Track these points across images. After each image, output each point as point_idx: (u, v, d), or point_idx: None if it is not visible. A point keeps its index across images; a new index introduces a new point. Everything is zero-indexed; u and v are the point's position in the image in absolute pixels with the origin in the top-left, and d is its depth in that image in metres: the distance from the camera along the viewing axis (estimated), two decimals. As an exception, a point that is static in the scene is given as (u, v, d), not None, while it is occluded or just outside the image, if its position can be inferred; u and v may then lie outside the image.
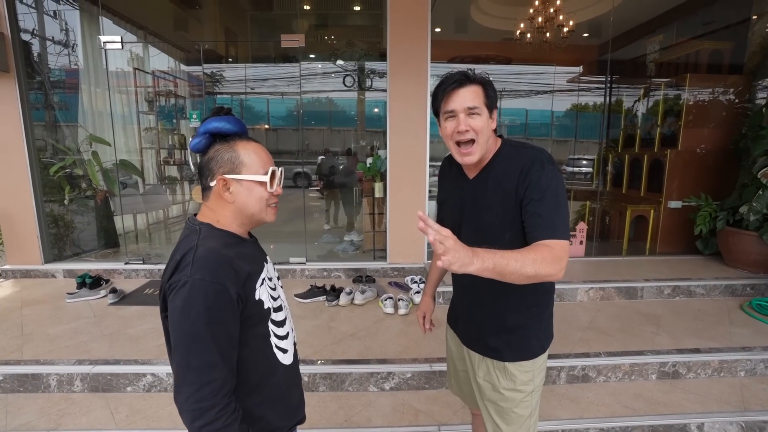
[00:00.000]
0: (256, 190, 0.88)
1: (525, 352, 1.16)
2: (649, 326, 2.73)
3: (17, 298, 3.20)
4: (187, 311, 0.76)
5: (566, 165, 8.27)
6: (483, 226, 1.12)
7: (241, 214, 0.90)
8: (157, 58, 5.28)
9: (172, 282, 0.79)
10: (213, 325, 0.77)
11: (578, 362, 2.31)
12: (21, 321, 2.77)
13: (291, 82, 7.12)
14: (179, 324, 0.77)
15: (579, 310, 3.01)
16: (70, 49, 4.14)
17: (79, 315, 2.88)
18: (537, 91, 7.50)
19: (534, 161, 1.05)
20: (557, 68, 7.18)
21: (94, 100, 4.32)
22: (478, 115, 1.06)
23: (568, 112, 7.54)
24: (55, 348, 2.40)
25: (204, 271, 0.78)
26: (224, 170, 0.87)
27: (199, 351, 0.76)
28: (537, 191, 1.02)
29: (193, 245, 0.82)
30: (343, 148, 6.34)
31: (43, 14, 3.92)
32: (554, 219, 1.00)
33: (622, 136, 5.10)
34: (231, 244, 0.87)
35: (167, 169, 5.37)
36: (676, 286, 3.20)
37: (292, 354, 1.00)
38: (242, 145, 0.88)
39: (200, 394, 0.75)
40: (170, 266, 0.83)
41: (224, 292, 0.79)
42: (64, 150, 3.98)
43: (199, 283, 0.77)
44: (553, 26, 4.99)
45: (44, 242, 3.66)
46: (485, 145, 1.09)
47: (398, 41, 3.34)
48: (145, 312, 2.92)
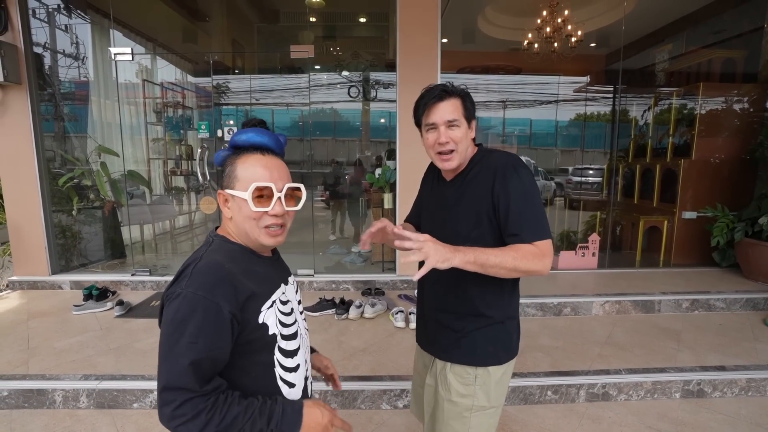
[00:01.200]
0: (243, 208, 0.82)
1: (469, 356, 1.14)
2: (669, 341, 2.64)
3: (24, 310, 3.17)
4: (175, 324, 0.73)
5: (572, 175, 8.23)
6: (455, 224, 1.16)
7: (240, 232, 0.85)
8: (165, 70, 5.33)
9: (169, 293, 0.76)
10: (196, 345, 0.72)
11: (598, 379, 2.22)
12: (27, 334, 2.73)
13: (297, 93, 7.16)
14: (165, 336, 0.73)
15: (595, 324, 2.93)
16: (80, 61, 4.19)
17: (85, 328, 2.84)
18: (541, 101, 7.50)
19: (506, 166, 1.09)
20: (564, 78, 7.18)
21: (103, 111, 4.35)
22: (457, 126, 1.11)
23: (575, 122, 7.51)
24: (62, 362, 2.36)
25: (198, 285, 0.74)
26: (224, 184, 0.85)
27: (174, 357, 0.72)
28: (510, 195, 1.06)
29: (198, 257, 0.80)
30: (348, 158, 6.33)
31: (54, 28, 3.98)
32: (531, 221, 1.05)
33: (632, 145, 5.04)
34: (240, 259, 0.83)
35: (174, 180, 5.39)
36: (694, 300, 3.10)
37: (301, 390, 0.90)
38: (245, 158, 0.83)
39: (180, 410, 0.70)
40: (175, 276, 0.80)
41: (217, 310, 0.74)
42: (73, 161, 3.99)
43: (192, 297, 0.73)
44: (561, 36, 4.99)
45: (52, 253, 3.64)
46: (464, 153, 1.15)
47: (408, 52, 3.33)
48: (151, 325, 2.87)
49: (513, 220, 1.05)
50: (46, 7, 3.78)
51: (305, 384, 0.93)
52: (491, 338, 1.14)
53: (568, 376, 2.25)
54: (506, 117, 7.39)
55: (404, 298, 3.32)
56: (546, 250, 1.03)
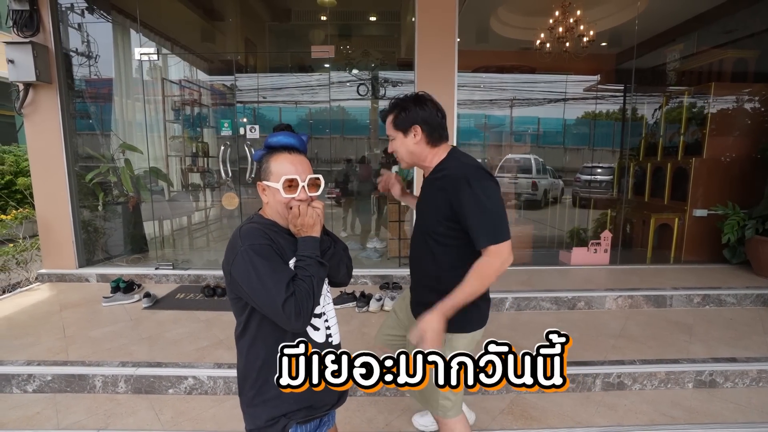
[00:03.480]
0: (277, 195, 1.06)
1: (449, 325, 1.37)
2: (681, 335, 2.72)
3: (55, 301, 3.29)
4: (246, 266, 0.96)
5: (580, 173, 8.26)
6: (424, 220, 1.43)
7: (275, 213, 1.09)
8: (183, 69, 5.44)
9: (231, 259, 0.99)
10: (265, 267, 0.97)
11: (613, 369, 2.31)
12: (62, 323, 2.86)
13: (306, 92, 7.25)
14: (245, 276, 0.96)
15: (608, 318, 3.01)
16: (94, 59, 4.29)
17: (116, 318, 2.96)
18: (550, 100, 7.54)
19: (459, 180, 1.29)
20: (574, 77, 7.22)
21: (125, 109, 4.47)
22: (393, 139, 1.42)
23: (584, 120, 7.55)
24: (98, 350, 2.47)
25: (250, 239, 0.99)
26: (261, 177, 1.08)
27: (267, 282, 0.95)
28: (463, 208, 1.27)
29: (242, 225, 1.06)
30: (357, 156, 6.41)
31: (73, 26, 4.08)
32: (484, 229, 1.27)
33: (643, 144, 5.09)
34: (269, 229, 1.06)
35: (191, 177, 5.50)
36: (705, 295, 3.17)
37: (324, 335, 1.14)
38: (276, 157, 1.07)
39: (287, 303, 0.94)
40: (227, 245, 1.03)
41: (270, 245, 1.01)
42: (99, 157, 4.11)
43: (249, 247, 0.98)
44: (573, 36, 5.04)
45: (79, 247, 3.76)
46: (408, 157, 1.43)
47: (426, 52, 3.41)
48: (179, 317, 2.99)
49: (471, 231, 1.29)
50: (72, 8, 3.88)
51: (328, 330, 1.16)
52: (459, 311, 1.32)
53: (584, 366, 2.33)
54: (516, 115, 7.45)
55: (421, 292, 3.41)
56: (498, 251, 1.26)
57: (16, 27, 3.41)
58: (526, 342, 2.60)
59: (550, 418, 2.06)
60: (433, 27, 3.37)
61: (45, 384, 2.25)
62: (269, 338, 1.04)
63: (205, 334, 2.71)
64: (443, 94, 3.39)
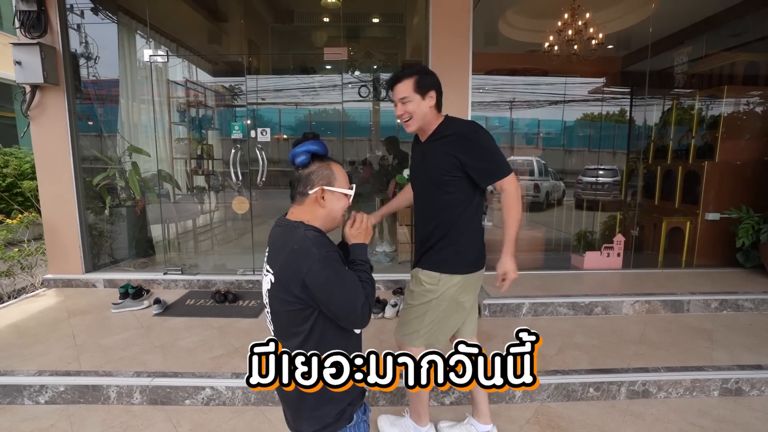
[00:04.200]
0: (342, 200, 1.13)
1: (434, 265, 1.61)
2: (702, 341, 2.69)
3: (63, 307, 3.23)
4: (331, 269, 1.01)
5: (582, 175, 8.27)
6: (430, 172, 1.60)
7: (327, 218, 1.12)
8: (192, 71, 5.38)
9: (306, 268, 1.00)
10: (343, 272, 1.04)
11: (638, 377, 2.27)
12: (72, 331, 2.79)
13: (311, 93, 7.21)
14: (326, 282, 1.00)
15: (626, 323, 2.98)
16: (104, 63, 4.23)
17: (126, 326, 2.90)
18: (556, 102, 7.53)
19: (464, 134, 1.53)
20: (581, 79, 7.21)
21: (132, 111, 4.41)
22: (410, 101, 1.53)
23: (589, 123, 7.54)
24: (111, 359, 2.42)
25: (325, 247, 1.03)
26: (323, 182, 1.09)
27: (347, 286, 1.03)
28: (472, 156, 1.50)
29: (303, 234, 1.04)
30: (358, 158, 6.36)
31: (85, 30, 4.03)
32: (492, 169, 1.53)
33: (652, 147, 5.08)
34: (327, 238, 1.12)
35: (195, 179, 5.44)
36: (723, 300, 3.15)
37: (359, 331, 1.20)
38: (334, 165, 1.13)
39: (364, 304, 1.03)
40: (288, 254, 1.02)
41: (338, 256, 1.06)
42: (106, 160, 4.05)
43: (326, 255, 1.01)
44: (581, 38, 5.03)
45: (85, 252, 3.70)
46: (422, 119, 1.57)
47: (440, 54, 3.37)
48: (191, 324, 2.93)
49: (482, 174, 1.54)
50: (81, 12, 3.82)
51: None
52: (452, 254, 1.58)
53: (608, 374, 2.30)
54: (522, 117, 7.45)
55: (435, 297, 3.37)
56: (510, 181, 1.54)
57: (24, 28, 3.35)
58: (545, 348, 2.57)
59: (577, 428, 2.02)
60: (447, 28, 3.34)
61: (58, 395, 2.19)
62: (332, 345, 1.07)
63: (219, 342, 2.66)
64: (458, 95, 3.36)
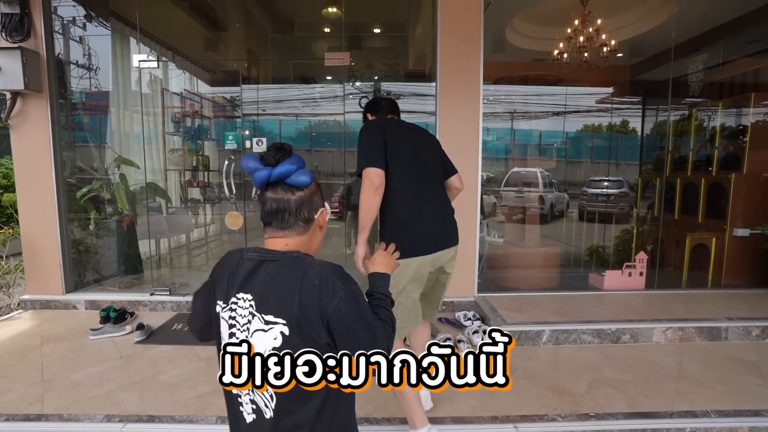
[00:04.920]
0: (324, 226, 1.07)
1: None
2: (750, 376, 2.38)
3: (37, 333, 2.94)
4: (358, 306, 0.93)
5: (587, 186, 8.06)
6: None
7: (320, 243, 1.06)
8: (183, 79, 5.19)
9: (332, 308, 0.90)
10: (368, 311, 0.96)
11: (685, 423, 1.97)
12: (41, 362, 2.50)
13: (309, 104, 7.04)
14: (357, 316, 0.93)
15: (659, 353, 2.67)
16: (94, 72, 4.04)
17: (104, 356, 2.61)
18: (566, 112, 7.33)
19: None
20: (586, 89, 7.04)
21: (122, 121, 4.18)
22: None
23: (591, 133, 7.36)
24: (80, 399, 2.12)
25: (347, 282, 0.94)
26: (322, 203, 1.01)
27: (373, 329, 0.94)
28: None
29: (321, 268, 0.93)
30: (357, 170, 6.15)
31: (72, 36, 3.84)
32: (359, 160, 1.77)
33: (669, 158, 4.83)
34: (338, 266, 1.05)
35: (190, 192, 5.19)
36: (765, 327, 2.85)
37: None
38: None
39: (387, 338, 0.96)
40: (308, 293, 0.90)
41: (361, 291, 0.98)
42: (92, 172, 3.80)
43: (351, 289, 0.94)
44: (592, 45, 4.83)
45: (67, 271, 3.42)
46: None
47: (449, 62, 3.14)
48: (176, 353, 2.64)
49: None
50: (72, 18, 3.63)
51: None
52: (387, 238, 1.70)
53: (650, 419, 1.99)
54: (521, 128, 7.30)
55: (445, 322, 3.08)
56: (364, 174, 1.74)
57: (5, 31, 3.14)
58: (575, 386, 2.26)
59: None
60: (456, 35, 3.12)
61: (14, 444, 1.89)
62: (349, 401, 1.00)
63: (205, 376, 2.36)
64: (468, 106, 3.14)
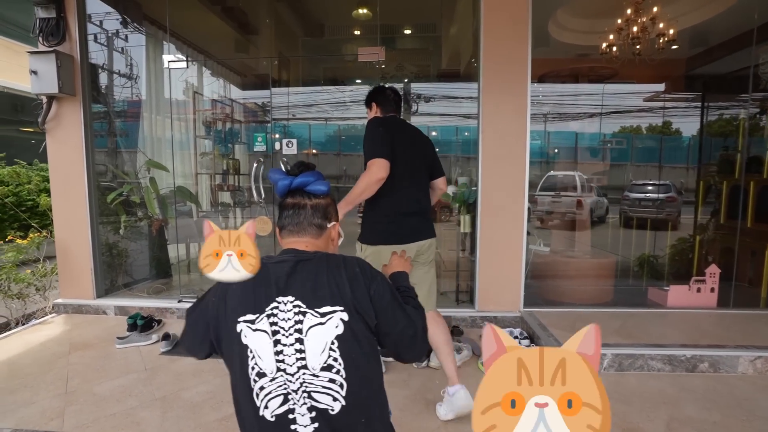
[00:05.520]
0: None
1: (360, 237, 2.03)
2: None
3: (66, 339, 2.89)
4: (392, 290, 1.00)
5: (629, 191, 7.55)
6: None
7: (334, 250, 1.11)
8: (218, 85, 5.17)
9: (373, 290, 0.96)
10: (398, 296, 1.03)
11: (799, 482, 1.60)
12: (67, 372, 2.42)
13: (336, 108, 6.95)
14: (393, 296, 0.99)
15: (749, 388, 2.27)
16: (127, 77, 4.03)
17: (128, 367, 2.50)
18: (612, 112, 6.84)
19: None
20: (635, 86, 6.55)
21: (153, 125, 4.17)
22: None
23: (650, 135, 6.84)
24: (100, 416, 1.99)
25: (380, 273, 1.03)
26: (335, 219, 1.07)
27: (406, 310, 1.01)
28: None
29: (355, 258, 1.00)
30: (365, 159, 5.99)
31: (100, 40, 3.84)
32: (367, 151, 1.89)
33: (739, 159, 4.31)
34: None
35: (220, 196, 5.16)
36: None
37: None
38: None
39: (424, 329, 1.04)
40: (353, 279, 0.94)
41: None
42: (122, 176, 3.79)
43: (384, 276, 1.03)
44: (647, 36, 4.41)
45: (98, 276, 3.39)
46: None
47: (493, 59, 2.87)
48: (200, 367, 2.49)
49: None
50: (100, 22, 3.63)
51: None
52: (364, 228, 1.97)
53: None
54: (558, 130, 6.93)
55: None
56: (370, 163, 1.84)
57: (42, 36, 3.15)
58: (650, 425, 1.92)
59: None
60: (502, 31, 2.84)
61: (31, 464, 1.78)
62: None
63: (230, 395, 2.16)
64: (515, 104, 2.87)
